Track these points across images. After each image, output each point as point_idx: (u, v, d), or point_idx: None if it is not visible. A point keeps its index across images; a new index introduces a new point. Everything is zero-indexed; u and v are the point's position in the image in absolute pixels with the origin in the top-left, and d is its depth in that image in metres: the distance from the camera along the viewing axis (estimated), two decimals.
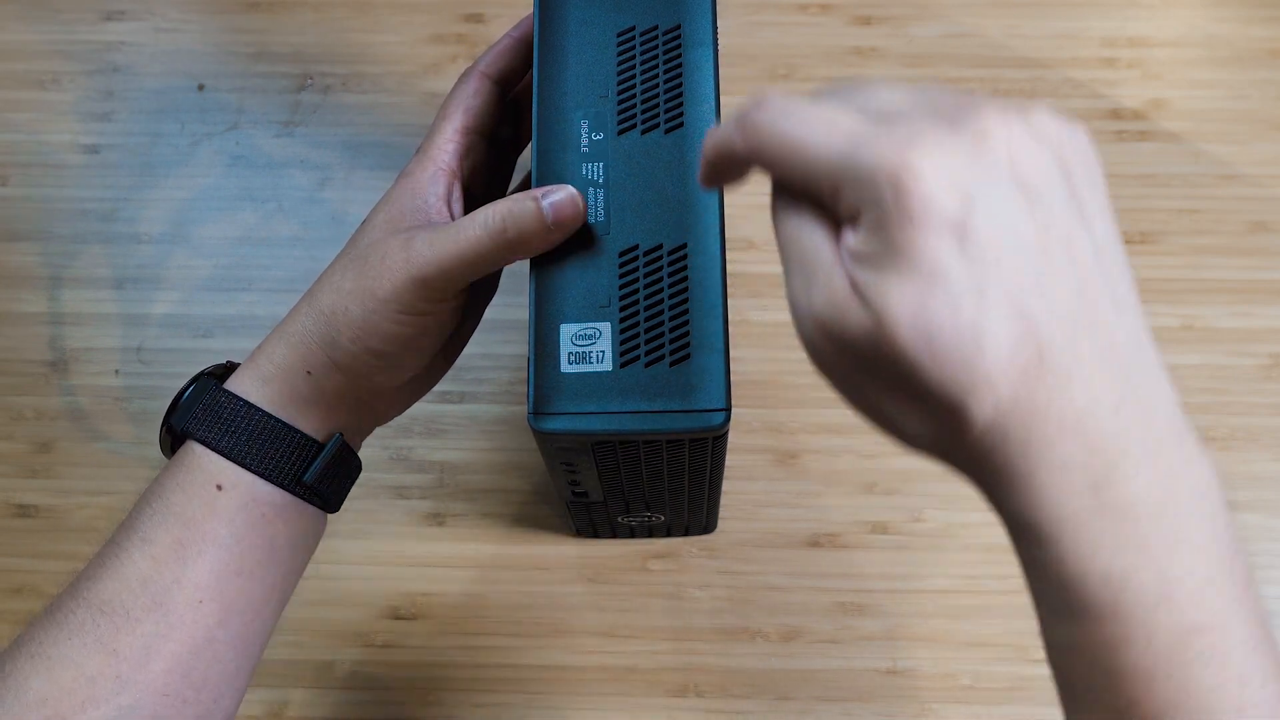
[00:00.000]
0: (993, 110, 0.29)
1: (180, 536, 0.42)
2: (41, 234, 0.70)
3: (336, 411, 0.45)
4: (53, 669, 0.39)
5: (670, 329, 0.42)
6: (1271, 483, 0.63)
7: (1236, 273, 0.67)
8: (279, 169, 0.71)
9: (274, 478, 0.43)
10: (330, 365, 0.44)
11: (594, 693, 0.60)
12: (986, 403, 0.28)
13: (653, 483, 0.50)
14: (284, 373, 0.44)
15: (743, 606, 0.62)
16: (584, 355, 0.42)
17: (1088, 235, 0.30)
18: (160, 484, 0.43)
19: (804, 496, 0.64)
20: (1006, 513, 0.30)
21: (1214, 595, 0.29)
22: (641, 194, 0.44)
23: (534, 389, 0.42)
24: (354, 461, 0.47)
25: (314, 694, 0.61)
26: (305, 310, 0.45)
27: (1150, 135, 0.70)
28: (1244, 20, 0.73)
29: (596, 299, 0.43)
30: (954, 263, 0.28)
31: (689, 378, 0.42)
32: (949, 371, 0.28)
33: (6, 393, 0.67)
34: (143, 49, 0.74)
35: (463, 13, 0.75)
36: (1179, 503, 0.29)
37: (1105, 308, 0.29)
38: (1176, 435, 0.30)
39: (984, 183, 0.28)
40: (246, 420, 0.43)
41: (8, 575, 0.63)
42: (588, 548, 0.63)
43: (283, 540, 0.44)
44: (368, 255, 0.44)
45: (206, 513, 0.42)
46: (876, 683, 0.60)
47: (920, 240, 0.28)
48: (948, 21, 0.73)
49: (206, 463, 0.43)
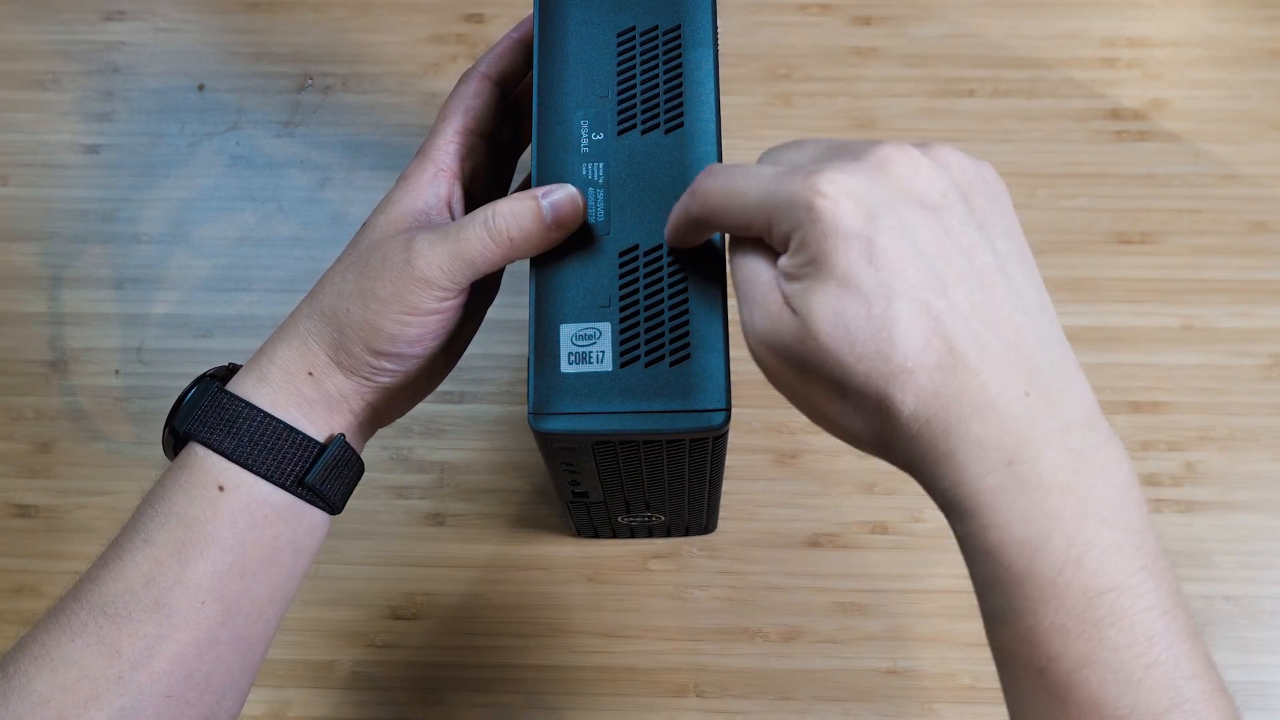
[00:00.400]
0: (893, 145, 0.35)
1: (182, 538, 0.42)
2: (41, 234, 0.70)
3: (339, 413, 0.45)
4: (55, 670, 0.40)
5: (670, 329, 0.42)
6: (1271, 483, 0.63)
7: (1236, 273, 0.67)
8: (279, 169, 0.71)
9: (276, 479, 0.43)
10: (332, 366, 0.44)
11: (594, 693, 0.60)
12: (908, 391, 0.33)
13: (653, 483, 0.50)
14: (286, 374, 0.44)
15: (743, 606, 0.62)
16: (584, 355, 0.42)
17: (989, 247, 0.35)
18: (162, 485, 0.43)
19: (804, 496, 0.64)
20: (938, 494, 0.34)
21: (1123, 561, 0.32)
22: (642, 194, 0.44)
23: (534, 389, 0.42)
24: (356, 462, 0.47)
25: (314, 694, 0.61)
26: (306, 311, 0.45)
27: (1150, 135, 0.70)
28: (1244, 20, 0.73)
29: (597, 299, 0.43)
30: (864, 269, 0.33)
31: (689, 378, 0.42)
32: (869, 364, 0.33)
33: (6, 393, 0.67)
34: (143, 49, 0.74)
35: (463, 13, 0.75)
36: (1087, 478, 0.33)
37: (1010, 309, 0.34)
38: (1086, 421, 0.34)
39: (885, 201, 0.34)
40: (248, 422, 0.43)
41: (8, 575, 0.63)
42: (588, 548, 0.63)
43: (285, 541, 0.44)
44: (369, 256, 0.44)
45: (209, 514, 0.42)
46: (876, 683, 0.60)
47: (834, 252, 0.33)
48: (948, 21, 0.73)
49: (209, 464, 0.43)
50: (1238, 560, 0.62)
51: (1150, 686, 0.32)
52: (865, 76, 0.72)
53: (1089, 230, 0.68)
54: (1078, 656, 0.32)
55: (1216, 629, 0.61)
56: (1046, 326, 0.35)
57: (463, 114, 0.47)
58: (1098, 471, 0.33)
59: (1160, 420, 0.65)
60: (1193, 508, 0.63)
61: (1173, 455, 0.64)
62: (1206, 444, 0.64)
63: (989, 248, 0.34)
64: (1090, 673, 0.32)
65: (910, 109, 0.71)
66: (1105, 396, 0.65)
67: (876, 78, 0.72)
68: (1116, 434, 0.35)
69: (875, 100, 0.71)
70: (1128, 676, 0.32)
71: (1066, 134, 0.70)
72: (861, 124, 0.71)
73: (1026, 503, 0.32)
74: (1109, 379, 0.65)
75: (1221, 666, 0.62)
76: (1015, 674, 0.34)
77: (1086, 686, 0.32)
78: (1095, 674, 0.32)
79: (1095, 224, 0.68)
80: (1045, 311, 0.35)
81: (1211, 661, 0.34)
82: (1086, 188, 0.69)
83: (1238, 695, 0.62)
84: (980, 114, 0.71)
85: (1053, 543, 0.32)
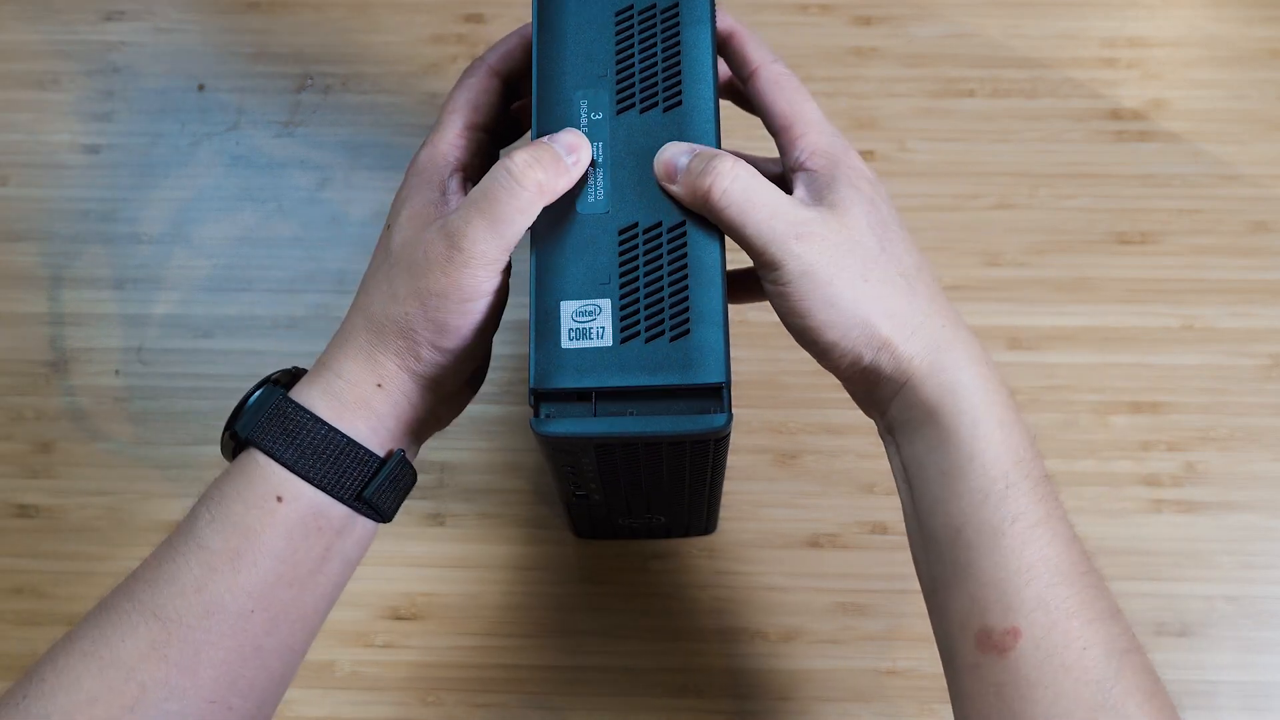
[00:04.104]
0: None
1: (237, 546, 0.42)
2: (41, 234, 0.70)
3: (402, 423, 0.45)
4: (104, 670, 0.40)
5: (670, 305, 0.42)
6: (1271, 483, 0.63)
7: (1236, 273, 0.67)
8: (279, 169, 0.71)
9: (335, 492, 0.43)
10: (404, 374, 0.44)
11: (593, 693, 0.60)
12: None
13: (654, 485, 0.50)
14: (352, 386, 0.44)
15: (742, 607, 0.62)
16: (584, 331, 0.42)
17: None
18: (220, 490, 0.43)
19: (804, 496, 0.64)
20: (891, 386, 0.44)
21: (1000, 407, 0.43)
22: (641, 172, 0.44)
23: (535, 365, 0.42)
24: (412, 475, 0.46)
25: (314, 694, 0.61)
26: (362, 324, 0.44)
27: (1150, 135, 0.70)
28: (1244, 20, 0.73)
29: (597, 276, 0.43)
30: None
31: (689, 352, 0.42)
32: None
33: (6, 393, 0.67)
34: (143, 49, 0.74)
35: (463, 13, 0.75)
36: (976, 366, 0.43)
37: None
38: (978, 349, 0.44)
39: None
40: (311, 434, 0.43)
41: (8, 575, 0.63)
42: (588, 548, 0.63)
43: (336, 552, 0.44)
44: (409, 256, 0.43)
45: (265, 523, 0.42)
46: (876, 683, 0.60)
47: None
48: (948, 21, 0.73)
49: (269, 473, 0.42)
50: (1238, 560, 0.62)
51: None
52: (865, 76, 0.72)
53: (1089, 230, 0.68)
54: (969, 450, 0.42)
55: (1216, 629, 0.61)
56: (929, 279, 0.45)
57: (470, 110, 0.47)
58: (979, 360, 0.44)
59: (1160, 420, 0.65)
60: (1193, 508, 0.63)
61: (1173, 455, 0.64)
62: (1206, 444, 0.64)
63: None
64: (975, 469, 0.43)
65: (910, 109, 0.71)
66: (1105, 396, 0.65)
67: (876, 78, 0.72)
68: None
69: (875, 100, 0.71)
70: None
71: (1066, 134, 0.70)
72: (861, 124, 0.71)
73: (942, 366, 0.43)
74: (1109, 379, 0.65)
75: (1221, 667, 0.62)
76: (926, 499, 0.44)
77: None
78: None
79: (1095, 224, 0.68)
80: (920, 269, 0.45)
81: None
82: (1086, 188, 0.69)
83: (1238, 695, 0.62)
84: (980, 114, 0.71)
85: (960, 390, 0.43)
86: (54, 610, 0.62)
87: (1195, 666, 0.60)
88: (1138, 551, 0.62)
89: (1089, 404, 0.65)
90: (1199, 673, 0.60)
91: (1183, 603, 0.61)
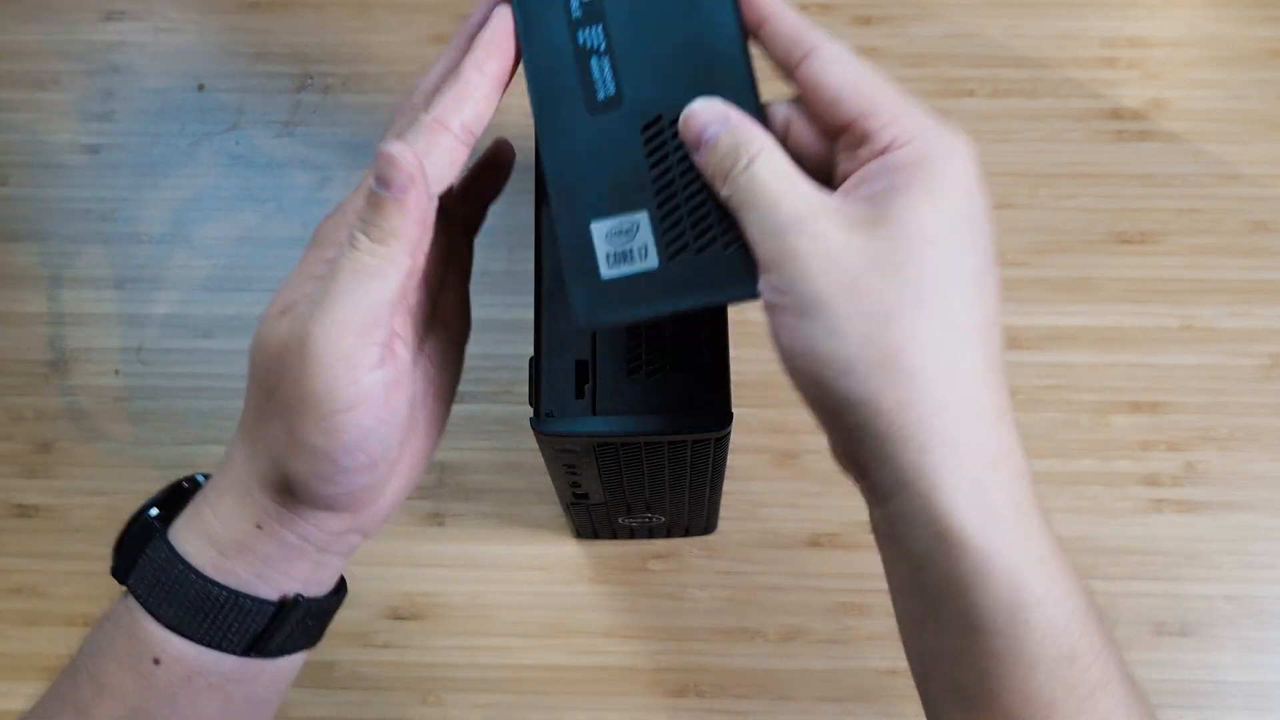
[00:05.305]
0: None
1: (116, 714, 0.37)
2: (41, 234, 0.70)
3: (302, 559, 0.38)
4: None
5: (719, 207, 0.35)
6: (1271, 483, 0.63)
7: (1236, 273, 0.67)
8: (279, 169, 0.71)
9: (223, 647, 0.37)
10: (282, 512, 0.37)
11: (594, 693, 0.60)
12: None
13: (654, 484, 0.50)
14: (229, 529, 0.37)
15: (743, 606, 0.62)
16: (624, 255, 0.36)
17: None
18: (95, 644, 0.38)
19: (804, 496, 0.64)
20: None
21: (1013, 474, 0.36)
22: (654, 52, 0.36)
23: (579, 303, 0.36)
24: (329, 604, 0.40)
25: (314, 694, 0.61)
26: (240, 442, 0.37)
27: (1150, 135, 0.70)
28: (1244, 20, 0.73)
29: (625, 186, 0.36)
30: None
31: (751, 260, 0.35)
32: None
33: (6, 393, 0.67)
34: (143, 49, 0.74)
35: (462, 13, 0.74)
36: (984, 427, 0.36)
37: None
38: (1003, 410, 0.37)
39: None
40: (186, 588, 0.36)
41: (8, 575, 0.63)
42: (588, 548, 0.63)
43: (240, 700, 0.39)
44: (266, 371, 0.36)
45: (142, 688, 0.37)
46: (876, 683, 0.60)
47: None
48: (948, 21, 0.73)
49: (145, 630, 0.37)
50: (1238, 560, 0.62)
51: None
52: None
53: (1089, 230, 0.68)
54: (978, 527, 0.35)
55: (1216, 629, 0.61)
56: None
57: (408, 255, 0.36)
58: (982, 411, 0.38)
59: (1160, 420, 0.65)
60: (1193, 508, 0.63)
61: (1173, 455, 0.64)
62: (1206, 444, 0.64)
63: None
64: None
65: None
66: (1105, 396, 0.65)
67: None
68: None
69: None
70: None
71: (1066, 134, 0.70)
72: None
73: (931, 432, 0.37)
74: (1109, 379, 0.65)
75: (1221, 666, 0.62)
76: (925, 570, 0.37)
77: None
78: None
79: (1095, 224, 0.68)
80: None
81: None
82: (1086, 187, 0.69)
83: (1238, 695, 0.62)
84: (980, 114, 0.71)
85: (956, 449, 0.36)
86: (54, 610, 0.62)
87: (1195, 666, 0.60)
88: (1138, 551, 0.62)
89: (1089, 404, 0.65)
90: (1199, 672, 0.60)
91: (1183, 602, 0.61)
